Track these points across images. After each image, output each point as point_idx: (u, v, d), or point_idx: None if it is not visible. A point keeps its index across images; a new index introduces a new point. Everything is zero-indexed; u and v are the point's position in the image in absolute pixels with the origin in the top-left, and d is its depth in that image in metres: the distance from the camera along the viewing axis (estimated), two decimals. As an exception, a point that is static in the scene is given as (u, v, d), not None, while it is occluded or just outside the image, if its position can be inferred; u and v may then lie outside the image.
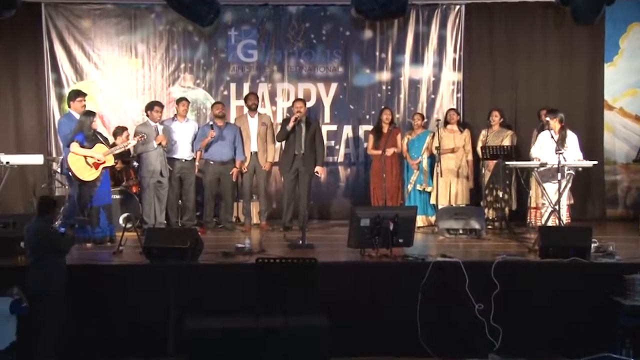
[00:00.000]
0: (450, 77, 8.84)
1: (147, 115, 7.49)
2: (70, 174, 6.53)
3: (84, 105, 6.88)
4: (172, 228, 7.30)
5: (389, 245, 5.71)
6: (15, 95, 8.60)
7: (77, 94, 6.95)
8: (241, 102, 8.48)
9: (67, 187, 6.99)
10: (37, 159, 7.37)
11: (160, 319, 5.25)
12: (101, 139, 6.68)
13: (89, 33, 8.60)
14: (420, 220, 7.74)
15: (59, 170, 7.43)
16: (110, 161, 6.65)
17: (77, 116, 6.74)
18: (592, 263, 5.65)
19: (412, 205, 7.50)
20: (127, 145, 7.10)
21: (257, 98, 8.14)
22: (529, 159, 7.12)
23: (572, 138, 6.95)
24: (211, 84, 8.76)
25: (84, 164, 6.49)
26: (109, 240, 6.64)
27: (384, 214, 5.74)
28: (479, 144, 8.00)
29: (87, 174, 6.49)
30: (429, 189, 7.94)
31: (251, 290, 4.93)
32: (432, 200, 7.88)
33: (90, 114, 6.68)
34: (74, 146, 6.45)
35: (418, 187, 8.03)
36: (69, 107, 6.98)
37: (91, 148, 6.51)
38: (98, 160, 6.51)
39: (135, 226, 6.49)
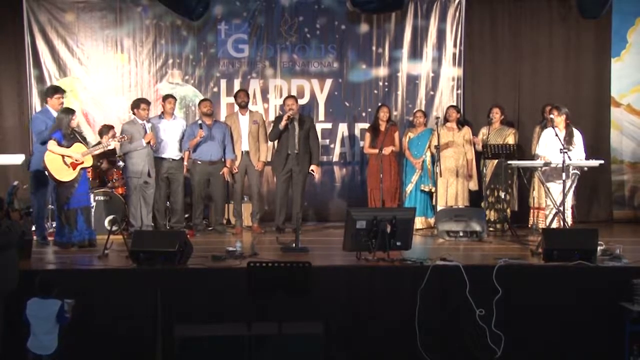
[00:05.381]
0: (450, 72, 8.71)
1: (134, 114, 7.35)
2: (47, 173, 6.39)
3: (62, 103, 6.75)
4: (160, 231, 7.18)
5: (386, 249, 5.59)
6: (-6, 92, 8.49)
7: (55, 90, 6.80)
8: (232, 99, 8.39)
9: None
10: (18, 159, 7.17)
11: (148, 326, 5.16)
12: (80, 138, 6.54)
13: (72, 27, 8.45)
14: (419, 222, 7.70)
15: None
16: (88, 162, 6.52)
17: (54, 113, 6.62)
18: (598, 267, 5.54)
19: (410, 207, 7.37)
20: (107, 146, 6.93)
21: (247, 95, 8.01)
22: (532, 157, 6.98)
23: (577, 137, 6.89)
24: (200, 80, 8.63)
25: (61, 163, 6.35)
26: (88, 244, 6.46)
27: (381, 215, 5.63)
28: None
29: (64, 174, 6.36)
30: (434, 189, 7.76)
31: (243, 296, 4.87)
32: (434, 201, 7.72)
33: (69, 111, 6.55)
34: (51, 144, 6.33)
35: (422, 187, 7.86)
36: (46, 103, 6.85)
37: (69, 147, 6.38)
38: (76, 160, 6.39)
39: (121, 229, 6.42)
